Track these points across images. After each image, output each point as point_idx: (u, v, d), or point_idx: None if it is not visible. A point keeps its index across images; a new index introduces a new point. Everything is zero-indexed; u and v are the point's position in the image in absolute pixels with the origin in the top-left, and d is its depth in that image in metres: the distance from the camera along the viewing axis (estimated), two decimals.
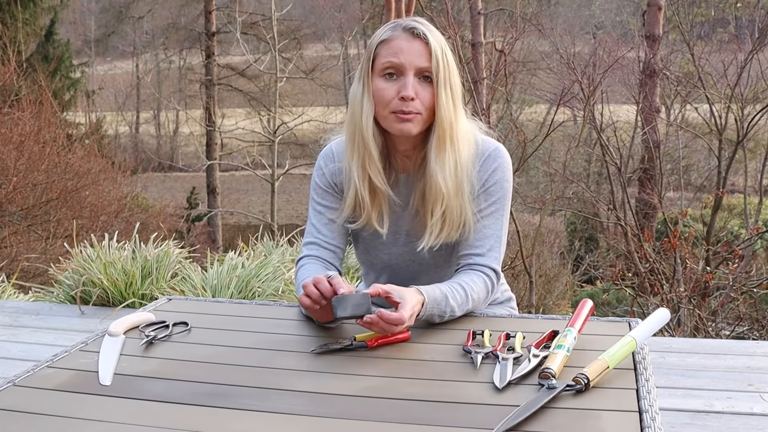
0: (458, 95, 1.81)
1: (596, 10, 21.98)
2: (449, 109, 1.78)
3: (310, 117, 19.42)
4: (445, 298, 1.71)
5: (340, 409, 1.27)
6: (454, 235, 1.87)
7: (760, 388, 2.67)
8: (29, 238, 10.52)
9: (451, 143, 1.80)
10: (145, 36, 28.76)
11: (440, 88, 1.76)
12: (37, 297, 4.78)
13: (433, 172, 1.81)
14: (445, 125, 1.78)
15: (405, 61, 1.76)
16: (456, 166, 1.81)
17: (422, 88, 1.77)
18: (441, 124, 1.78)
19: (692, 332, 5.39)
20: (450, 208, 1.82)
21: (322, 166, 1.99)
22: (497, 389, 1.33)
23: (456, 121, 1.80)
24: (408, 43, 1.77)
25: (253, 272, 4.12)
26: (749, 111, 9.84)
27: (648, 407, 1.23)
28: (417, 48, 1.76)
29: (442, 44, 1.79)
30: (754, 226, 8.39)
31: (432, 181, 1.81)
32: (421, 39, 1.76)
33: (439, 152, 1.80)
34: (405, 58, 1.76)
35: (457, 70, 1.84)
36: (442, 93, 1.76)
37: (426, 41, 1.76)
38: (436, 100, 1.76)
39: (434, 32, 1.79)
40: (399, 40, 1.77)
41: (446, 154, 1.80)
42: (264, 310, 1.93)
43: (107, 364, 1.48)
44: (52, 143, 11.34)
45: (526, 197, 12.27)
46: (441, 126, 1.78)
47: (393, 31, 1.79)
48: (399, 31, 1.78)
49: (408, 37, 1.77)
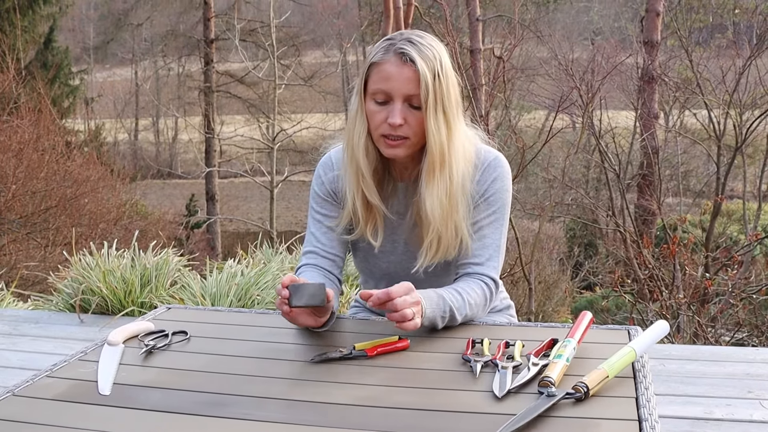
0: (453, 115, 1.78)
1: (594, 17, 22.02)
2: (440, 134, 1.76)
3: (308, 124, 19.44)
4: (441, 298, 1.71)
5: (339, 419, 1.27)
6: (452, 253, 1.87)
7: (760, 395, 2.66)
8: (28, 246, 10.51)
9: (441, 169, 1.78)
10: (144, 43, 28.79)
11: (429, 114, 1.74)
12: (36, 305, 4.77)
13: (422, 199, 1.81)
14: (435, 152, 1.76)
15: (392, 89, 1.74)
16: (446, 191, 1.79)
17: (411, 114, 1.76)
18: (431, 151, 1.77)
19: (692, 339, 5.39)
20: (441, 232, 1.82)
21: (321, 175, 1.99)
22: (497, 398, 1.33)
23: (449, 142, 1.78)
24: (397, 68, 1.73)
25: (253, 280, 4.11)
26: (748, 117, 9.83)
27: (648, 416, 1.23)
28: (406, 75, 1.73)
29: (436, 64, 1.74)
30: (753, 232, 8.39)
31: (422, 207, 1.81)
32: (410, 65, 1.73)
33: (429, 180, 1.79)
34: (393, 85, 1.74)
35: (456, 83, 1.81)
36: (431, 119, 1.74)
37: (415, 67, 1.72)
38: (426, 126, 1.75)
39: (427, 51, 1.74)
40: (388, 65, 1.74)
41: (435, 182, 1.79)
42: (263, 318, 1.93)
43: (106, 374, 1.48)
44: (51, 151, 11.35)
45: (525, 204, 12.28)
46: (431, 153, 1.77)
47: (384, 53, 1.76)
48: (390, 55, 1.75)
49: (397, 62, 1.74)
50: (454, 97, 1.78)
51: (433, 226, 1.81)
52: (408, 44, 1.75)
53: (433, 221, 1.80)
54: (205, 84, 21.09)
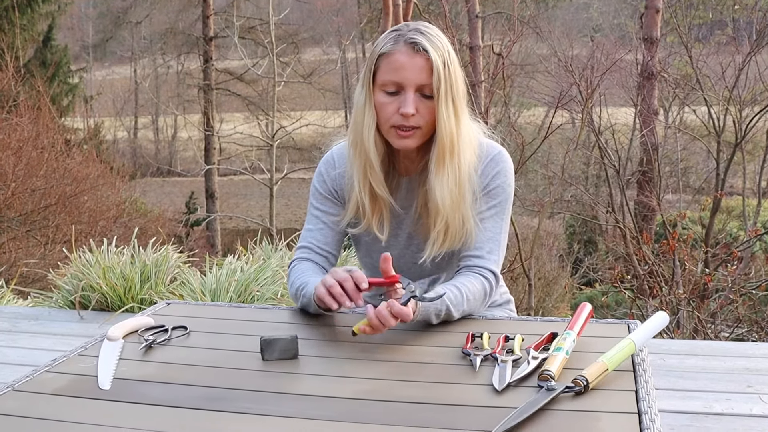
0: (461, 103, 1.79)
1: (594, 13, 22.00)
2: (450, 123, 1.76)
3: (308, 121, 19.46)
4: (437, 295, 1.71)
5: (339, 412, 1.27)
6: (458, 243, 1.87)
7: (760, 390, 2.67)
8: (28, 244, 10.51)
9: (451, 158, 1.79)
10: (143, 41, 28.77)
11: (441, 103, 1.74)
12: (36, 302, 4.77)
13: (432, 188, 1.81)
14: (446, 140, 1.77)
15: (405, 79, 1.74)
16: (456, 180, 1.80)
17: (423, 104, 1.76)
18: (441, 139, 1.77)
19: (691, 334, 5.39)
20: (449, 220, 1.82)
21: (323, 172, 1.99)
22: (496, 392, 1.33)
23: (458, 130, 1.79)
24: (409, 58, 1.74)
25: (252, 276, 4.11)
26: (747, 113, 9.85)
27: (647, 409, 1.23)
28: (418, 64, 1.73)
29: (445, 54, 1.75)
30: (753, 228, 8.39)
31: (431, 196, 1.82)
32: (422, 54, 1.73)
33: (438, 168, 1.79)
34: (405, 75, 1.74)
35: (462, 74, 1.82)
36: (443, 108, 1.74)
37: (427, 56, 1.73)
38: (437, 115, 1.75)
39: (437, 41, 1.75)
40: (399, 55, 1.74)
41: (445, 170, 1.79)
42: (263, 313, 1.93)
43: (106, 369, 1.48)
44: (50, 149, 11.34)
45: (524, 200, 12.29)
46: (441, 141, 1.77)
47: (394, 43, 1.76)
48: (400, 45, 1.75)
49: (409, 52, 1.74)
50: (461, 86, 1.80)
51: (442, 215, 1.81)
52: (418, 34, 1.75)
53: (442, 210, 1.80)
54: (204, 81, 21.08)
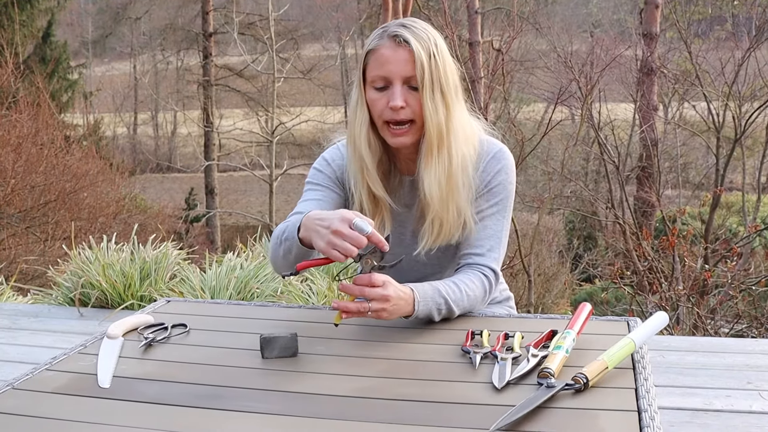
0: (452, 95, 1.79)
1: (593, 9, 21.98)
2: (437, 114, 1.76)
3: (307, 117, 19.44)
4: (437, 291, 1.71)
5: (338, 410, 1.27)
6: (456, 236, 1.87)
7: (759, 386, 2.67)
8: (27, 240, 10.51)
9: (440, 150, 1.78)
10: (142, 37, 28.73)
11: (426, 93, 1.75)
12: (35, 299, 4.78)
13: (420, 181, 1.81)
14: (432, 131, 1.77)
15: (390, 72, 1.76)
16: (445, 172, 1.79)
17: (412, 96, 1.77)
18: (428, 130, 1.77)
19: (691, 330, 5.39)
20: (441, 213, 1.81)
21: (328, 159, 1.98)
22: (496, 389, 1.34)
23: (448, 122, 1.78)
24: (392, 52, 1.75)
25: (252, 273, 4.11)
26: (747, 108, 9.83)
27: (647, 406, 1.23)
28: (402, 56, 1.75)
29: (431, 45, 1.76)
30: (753, 224, 8.38)
31: (420, 187, 1.82)
32: (405, 46, 1.75)
33: (427, 161, 1.79)
34: (390, 68, 1.75)
35: (455, 67, 1.82)
36: (428, 99, 1.75)
37: (410, 47, 1.74)
38: (422, 105, 1.76)
39: (421, 33, 1.76)
40: (384, 50, 1.76)
41: (433, 162, 1.79)
42: (263, 311, 1.93)
43: (106, 367, 1.48)
44: (49, 145, 11.33)
45: (524, 196, 12.28)
46: (428, 132, 1.78)
47: (379, 39, 1.78)
48: (384, 40, 1.77)
49: (392, 46, 1.76)
50: (452, 79, 1.79)
51: (431, 207, 1.81)
52: (401, 27, 1.77)
53: (431, 202, 1.80)
54: (203, 78, 21.05)
